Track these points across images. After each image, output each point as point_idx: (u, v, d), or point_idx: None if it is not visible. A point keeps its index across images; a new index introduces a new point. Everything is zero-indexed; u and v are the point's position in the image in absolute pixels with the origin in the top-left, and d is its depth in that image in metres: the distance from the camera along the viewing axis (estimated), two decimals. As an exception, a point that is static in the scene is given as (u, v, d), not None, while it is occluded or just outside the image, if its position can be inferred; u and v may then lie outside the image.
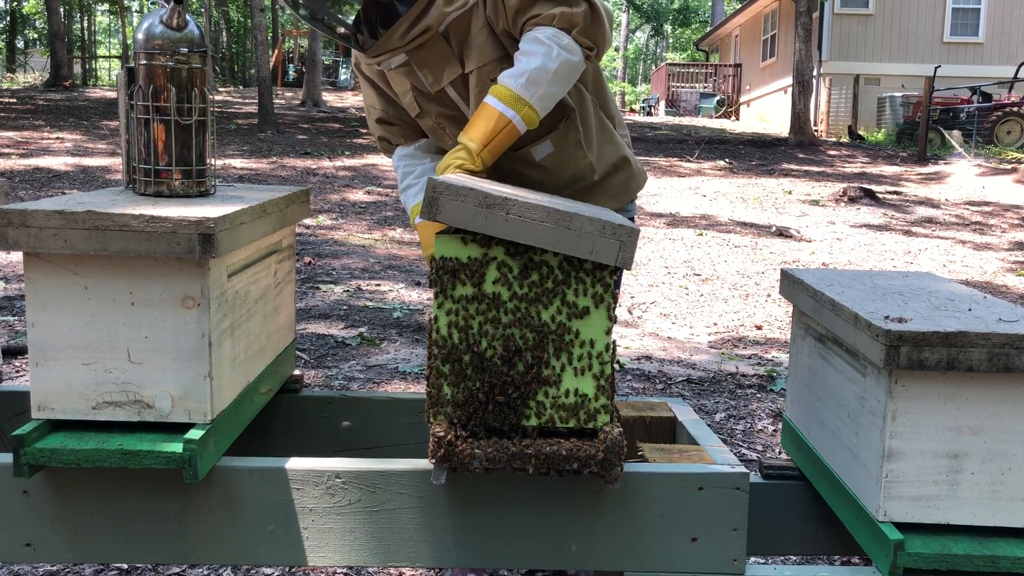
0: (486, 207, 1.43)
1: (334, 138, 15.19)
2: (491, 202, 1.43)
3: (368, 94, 2.13)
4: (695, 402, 3.88)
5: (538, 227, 1.44)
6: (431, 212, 1.45)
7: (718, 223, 9.08)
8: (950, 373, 1.46)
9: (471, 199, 1.43)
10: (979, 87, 17.44)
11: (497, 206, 1.43)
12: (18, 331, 4.46)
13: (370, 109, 2.15)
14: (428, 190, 1.44)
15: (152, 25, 1.67)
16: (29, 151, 11.48)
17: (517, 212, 1.43)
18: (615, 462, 1.48)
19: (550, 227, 1.44)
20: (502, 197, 1.44)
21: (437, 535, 1.57)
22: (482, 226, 1.44)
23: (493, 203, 1.43)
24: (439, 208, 1.44)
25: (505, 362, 1.50)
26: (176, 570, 2.37)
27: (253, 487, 1.56)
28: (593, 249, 1.44)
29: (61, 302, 1.51)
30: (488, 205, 1.43)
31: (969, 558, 1.45)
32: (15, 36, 37.23)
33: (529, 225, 1.44)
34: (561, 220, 1.44)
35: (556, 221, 1.43)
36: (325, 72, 28.68)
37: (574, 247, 1.44)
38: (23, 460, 1.47)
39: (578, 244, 1.44)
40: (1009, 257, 7.86)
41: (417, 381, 3.97)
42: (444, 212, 1.44)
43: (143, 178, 1.70)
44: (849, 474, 1.62)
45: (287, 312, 2.02)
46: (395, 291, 5.76)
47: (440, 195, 1.44)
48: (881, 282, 1.83)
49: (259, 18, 16.63)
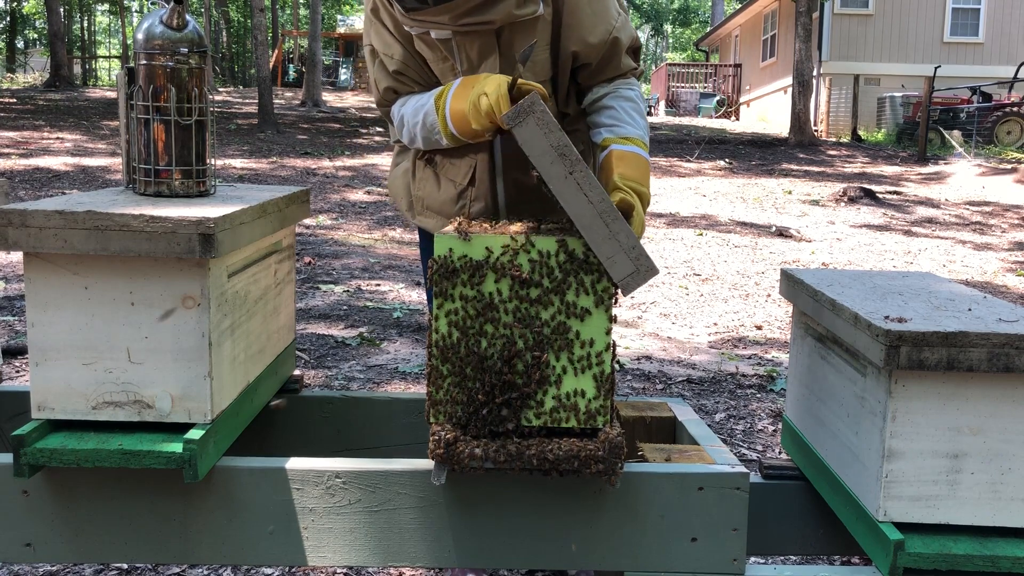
0: (560, 154, 1.42)
1: (334, 138, 15.18)
2: (566, 153, 1.43)
3: (387, 43, 1.99)
4: (695, 402, 3.88)
5: (584, 204, 1.43)
6: (515, 118, 1.43)
7: (718, 223, 9.08)
8: (950, 373, 1.46)
9: (554, 138, 1.43)
10: (979, 87, 17.44)
11: (568, 160, 1.42)
12: (18, 331, 4.46)
13: (386, 59, 2.01)
14: (528, 101, 1.43)
15: (152, 25, 1.67)
16: (29, 151, 11.48)
17: (579, 178, 1.43)
18: (615, 462, 1.48)
19: (593, 212, 1.43)
20: (577, 158, 1.43)
21: (437, 535, 1.57)
22: (541, 165, 1.43)
23: (567, 155, 1.43)
24: (523, 122, 1.43)
25: (505, 362, 1.50)
26: (176, 570, 2.37)
27: (253, 487, 1.56)
28: (612, 257, 1.44)
29: (61, 302, 1.51)
30: (562, 154, 1.43)
31: (969, 558, 1.45)
32: (15, 36, 37.23)
33: (578, 195, 1.42)
34: (607, 214, 1.43)
35: (602, 212, 1.43)
36: (325, 72, 28.69)
37: (598, 243, 1.43)
38: (23, 460, 1.47)
39: (603, 243, 1.43)
40: (1009, 257, 7.85)
41: (417, 381, 3.97)
42: (524, 127, 1.43)
43: (143, 178, 1.70)
44: (849, 474, 1.62)
45: (287, 312, 2.02)
46: (395, 291, 5.76)
47: (534, 112, 1.43)
48: (881, 282, 1.83)
49: (259, 18, 16.63)
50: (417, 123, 1.96)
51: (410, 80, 2.01)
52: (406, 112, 2.00)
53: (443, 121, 1.89)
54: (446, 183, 2.07)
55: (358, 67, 31.24)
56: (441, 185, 2.08)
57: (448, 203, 2.07)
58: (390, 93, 2.03)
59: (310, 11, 22.50)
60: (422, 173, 2.12)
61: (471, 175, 2.04)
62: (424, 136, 1.96)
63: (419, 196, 2.13)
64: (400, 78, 2.00)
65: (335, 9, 40.12)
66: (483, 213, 2.05)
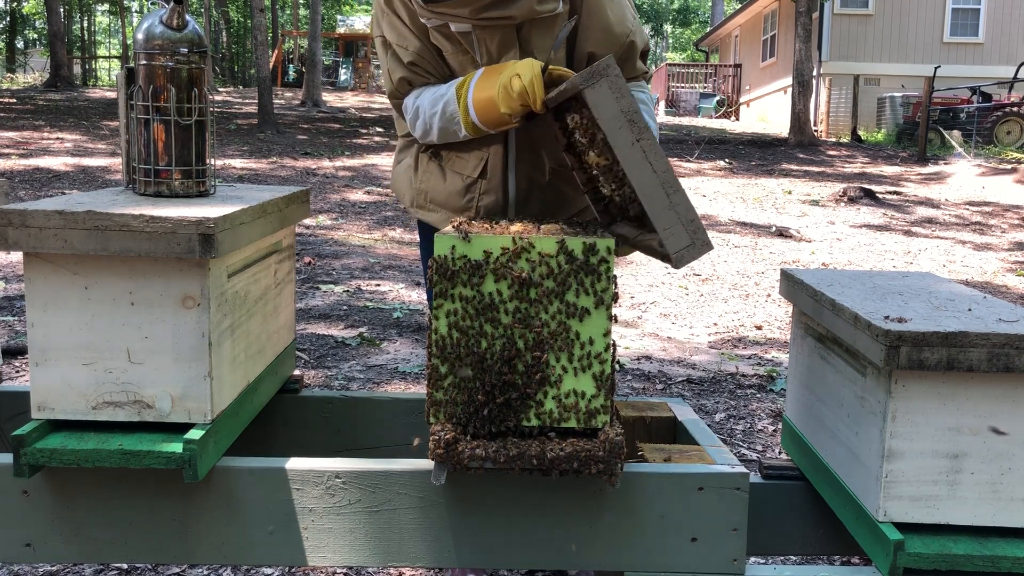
0: (629, 120, 1.44)
1: (334, 138, 15.18)
2: (635, 120, 1.44)
3: (401, 34, 1.98)
4: (695, 402, 3.88)
5: (648, 172, 1.43)
6: (589, 79, 1.44)
7: (718, 223, 9.07)
8: (950, 373, 1.46)
9: (624, 103, 1.44)
10: (979, 87, 17.45)
11: (636, 127, 1.44)
12: (18, 331, 4.46)
13: (400, 50, 1.99)
14: (603, 63, 1.45)
15: (152, 25, 1.67)
16: (29, 151, 11.48)
17: (644, 146, 1.43)
18: (615, 462, 1.48)
19: (656, 181, 1.43)
20: (644, 126, 1.44)
21: (437, 535, 1.57)
22: (609, 129, 1.44)
23: (636, 122, 1.44)
24: (596, 83, 1.44)
25: (505, 362, 1.50)
26: (176, 570, 2.37)
27: (253, 487, 1.56)
28: (669, 228, 1.43)
29: (61, 302, 1.51)
30: (631, 120, 1.44)
31: (969, 558, 1.45)
32: (15, 36, 37.23)
33: (643, 163, 1.43)
34: (668, 184, 1.44)
35: (664, 182, 1.43)
36: (325, 72, 28.70)
37: (657, 213, 1.43)
38: (23, 460, 1.47)
39: (662, 214, 1.43)
40: (1009, 257, 7.85)
41: (417, 381, 3.97)
42: (597, 89, 1.44)
43: (143, 178, 1.70)
44: (849, 474, 1.62)
45: (287, 312, 2.02)
46: (395, 291, 5.76)
47: (608, 76, 1.44)
48: (881, 282, 1.83)
49: (259, 18, 16.63)
50: (436, 113, 1.94)
51: (424, 72, 1.99)
52: (423, 103, 1.98)
53: (464, 110, 1.88)
54: (453, 176, 2.05)
55: (358, 67, 31.25)
56: (447, 177, 2.06)
57: (455, 196, 2.05)
58: (404, 84, 2.01)
59: (310, 11, 22.50)
60: (426, 166, 2.10)
61: (482, 167, 2.02)
62: (441, 127, 1.95)
63: (423, 189, 2.11)
64: (415, 69, 1.99)
65: (335, 9, 40.12)
66: (492, 207, 2.04)
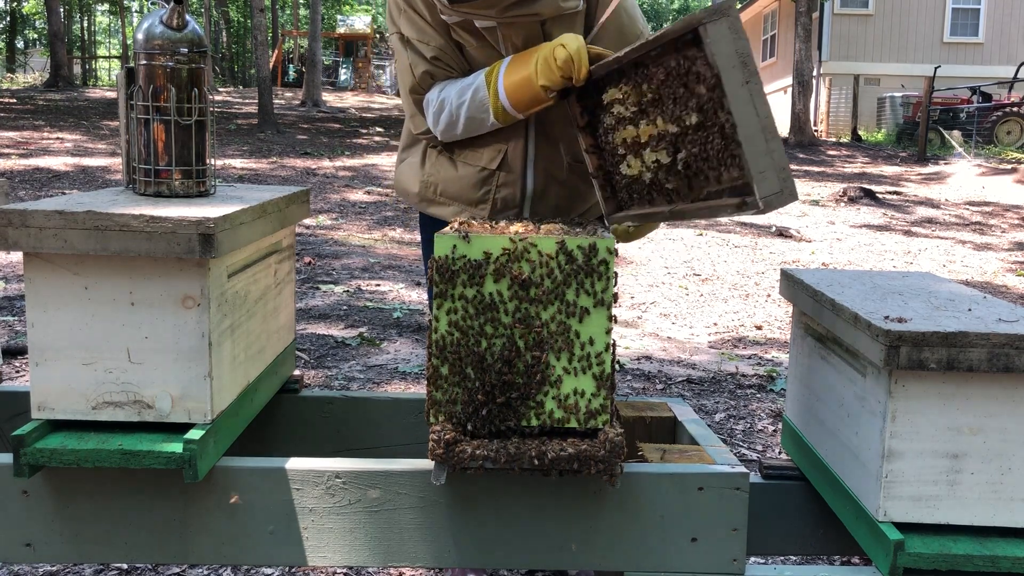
0: (742, 61, 1.46)
1: (334, 138, 15.18)
2: (748, 63, 1.46)
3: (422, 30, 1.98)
4: (695, 402, 3.88)
5: (751, 115, 1.45)
6: (712, 15, 1.46)
7: (718, 223, 9.07)
8: (950, 373, 1.46)
9: (740, 44, 1.46)
10: (979, 87, 17.45)
11: (747, 70, 1.46)
12: (18, 331, 4.46)
13: (421, 45, 2.00)
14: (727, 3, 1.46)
15: (152, 25, 1.67)
16: (29, 151, 11.48)
17: (752, 89, 1.45)
18: (615, 462, 1.48)
19: (758, 125, 1.45)
20: (755, 70, 1.46)
21: (437, 535, 1.57)
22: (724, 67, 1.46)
23: (748, 65, 1.46)
24: (717, 21, 1.46)
25: (505, 362, 1.50)
26: (176, 570, 2.37)
27: (253, 487, 1.56)
28: (763, 172, 1.45)
29: (61, 302, 1.51)
30: (744, 62, 1.46)
31: (969, 558, 1.45)
32: (15, 36, 37.23)
33: (748, 106, 1.45)
34: (768, 130, 1.46)
35: (765, 127, 1.46)
36: (325, 72, 28.69)
37: (755, 156, 1.45)
38: (23, 460, 1.47)
39: (759, 157, 1.45)
40: (1009, 257, 7.86)
41: (417, 381, 3.97)
42: (717, 26, 1.46)
43: (143, 178, 1.70)
44: (849, 474, 1.62)
45: (287, 312, 2.02)
46: (395, 291, 5.76)
47: (729, 16, 1.45)
48: (881, 282, 1.83)
49: (259, 18, 16.63)
50: (463, 102, 1.95)
51: (447, 66, 2.00)
52: (448, 95, 1.98)
53: (494, 95, 1.90)
54: (465, 167, 2.05)
55: (358, 67, 31.25)
56: (459, 169, 2.06)
57: (470, 188, 2.05)
58: (427, 78, 2.02)
59: (310, 11, 22.50)
60: (435, 159, 2.09)
61: (501, 159, 2.02)
62: (468, 116, 1.95)
63: (432, 182, 2.10)
64: (437, 63, 2.00)
65: (335, 9, 40.12)
66: (509, 200, 2.04)
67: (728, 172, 1.55)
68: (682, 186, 1.68)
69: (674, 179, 1.69)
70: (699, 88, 1.55)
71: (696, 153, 1.60)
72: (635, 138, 1.75)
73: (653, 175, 1.74)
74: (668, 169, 1.70)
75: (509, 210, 2.05)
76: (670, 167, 1.70)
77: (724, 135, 1.52)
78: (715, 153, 1.56)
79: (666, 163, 1.70)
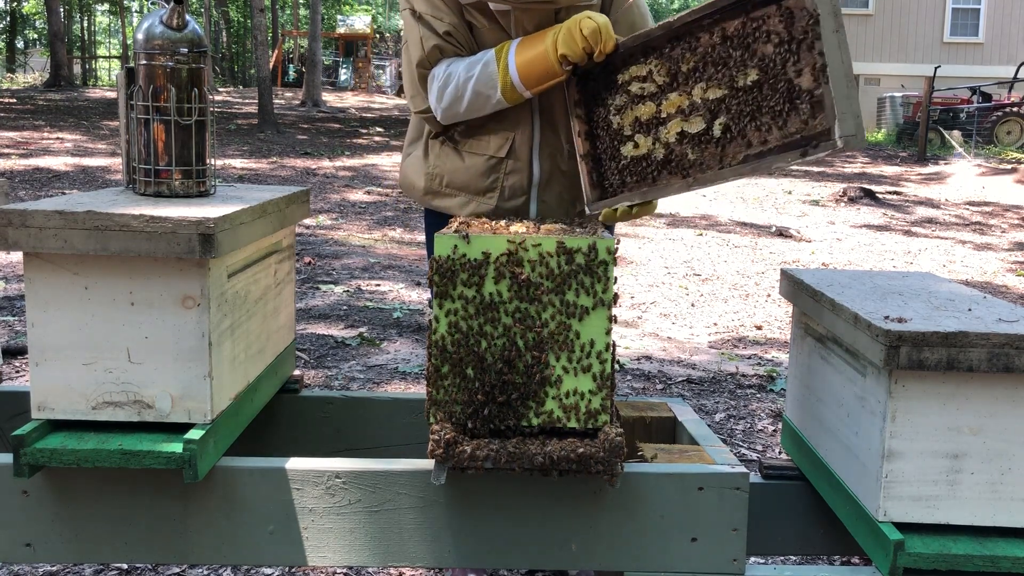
0: (835, 11, 1.58)
1: (334, 138, 15.18)
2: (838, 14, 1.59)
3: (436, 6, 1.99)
4: (695, 402, 3.88)
5: (839, 60, 1.57)
6: None
7: (718, 223, 9.07)
8: (950, 373, 1.46)
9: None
10: (979, 87, 17.45)
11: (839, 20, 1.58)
12: (18, 331, 4.46)
13: (434, 20, 2.00)
14: None
15: (152, 25, 1.67)
16: (29, 151, 11.48)
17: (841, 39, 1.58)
18: (615, 462, 1.48)
19: (843, 70, 1.57)
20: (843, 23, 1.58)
21: (437, 535, 1.57)
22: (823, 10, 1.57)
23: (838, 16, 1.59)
24: None
25: (505, 362, 1.50)
26: (176, 570, 2.37)
27: (253, 487, 1.56)
28: (845, 113, 1.55)
29: (61, 302, 1.51)
30: (836, 12, 1.58)
31: (969, 558, 1.45)
32: (15, 36, 37.24)
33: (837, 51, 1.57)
34: (850, 78, 1.58)
35: (847, 74, 1.58)
36: (325, 72, 28.71)
37: (840, 97, 1.55)
38: (23, 460, 1.47)
39: (842, 99, 1.55)
40: (1009, 257, 7.85)
41: (417, 381, 3.97)
42: None
43: (143, 178, 1.71)
44: (849, 474, 1.62)
45: (287, 312, 2.02)
46: (395, 291, 5.76)
47: None
48: (881, 282, 1.83)
49: (259, 18, 16.63)
50: (472, 76, 1.95)
51: (457, 43, 2.01)
52: (456, 68, 1.98)
53: (504, 70, 1.91)
54: (472, 157, 2.05)
55: (358, 67, 31.25)
56: (466, 159, 2.06)
57: (477, 177, 2.05)
58: (436, 52, 2.02)
59: (310, 11, 22.50)
60: (440, 150, 2.09)
61: (508, 147, 2.03)
62: (475, 91, 1.95)
63: (438, 173, 2.10)
64: (449, 39, 2.01)
65: (335, 9, 40.11)
66: (517, 187, 2.05)
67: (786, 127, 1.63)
68: (710, 155, 1.70)
69: (699, 149, 1.71)
70: (765, 48, 1.63)
71: (748, 111, 1.67)
72: (653, 115, 1.78)
73: (668, 151, 1.76)
74: (695, 139, 1.72)
75: (517, 198, 2.05)
76: (699, 137, 1.72)
77: (791, 87, 1.61)
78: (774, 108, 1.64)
79: (695, 132, 1.72)
